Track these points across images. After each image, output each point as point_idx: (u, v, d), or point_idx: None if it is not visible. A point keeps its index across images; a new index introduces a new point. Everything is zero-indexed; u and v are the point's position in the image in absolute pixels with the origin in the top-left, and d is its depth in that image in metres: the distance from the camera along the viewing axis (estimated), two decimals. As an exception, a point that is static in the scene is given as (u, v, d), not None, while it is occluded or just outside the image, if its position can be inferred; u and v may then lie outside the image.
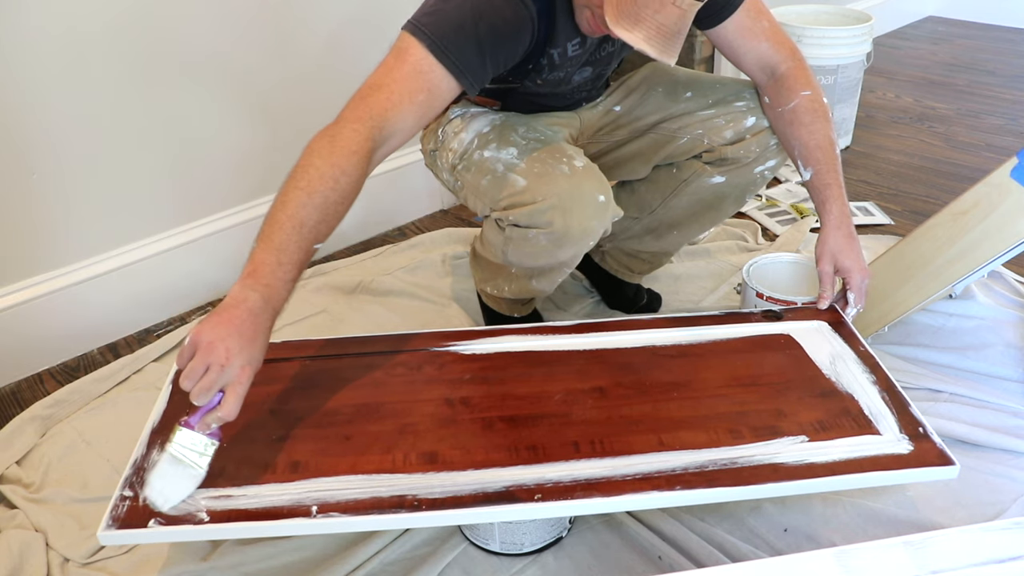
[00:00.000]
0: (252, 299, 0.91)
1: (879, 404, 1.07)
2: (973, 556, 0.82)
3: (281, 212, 0.94)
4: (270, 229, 0.94)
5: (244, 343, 0.90)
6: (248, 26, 1.61)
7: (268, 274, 0.93)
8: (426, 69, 1.02)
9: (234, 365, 0.89)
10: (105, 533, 0.90)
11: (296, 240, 0.93)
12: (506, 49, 1.07)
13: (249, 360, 0.91)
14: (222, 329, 0.89)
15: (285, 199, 0.94)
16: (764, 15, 1.27)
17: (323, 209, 0.95)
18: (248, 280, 0.92)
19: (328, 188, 0.95)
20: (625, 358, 1.17)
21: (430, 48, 1.02)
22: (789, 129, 1.27)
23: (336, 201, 0.96)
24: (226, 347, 0.89)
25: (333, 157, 0.96)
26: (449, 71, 1.03)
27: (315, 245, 0.96)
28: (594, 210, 1.16)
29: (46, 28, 1.37)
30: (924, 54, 3.18)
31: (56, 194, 1.48)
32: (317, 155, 0.96)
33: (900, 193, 2.10)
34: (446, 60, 1.02)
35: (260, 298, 0.92)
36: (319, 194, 0.94)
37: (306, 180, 0.95)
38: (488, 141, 1.25)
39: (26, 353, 1.52)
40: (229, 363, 0.89)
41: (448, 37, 1.02)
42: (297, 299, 1.68)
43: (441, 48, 1.02)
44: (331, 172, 0.95)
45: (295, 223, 0.94)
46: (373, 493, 0.94)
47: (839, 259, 1.23)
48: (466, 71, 1.04)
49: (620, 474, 0.96)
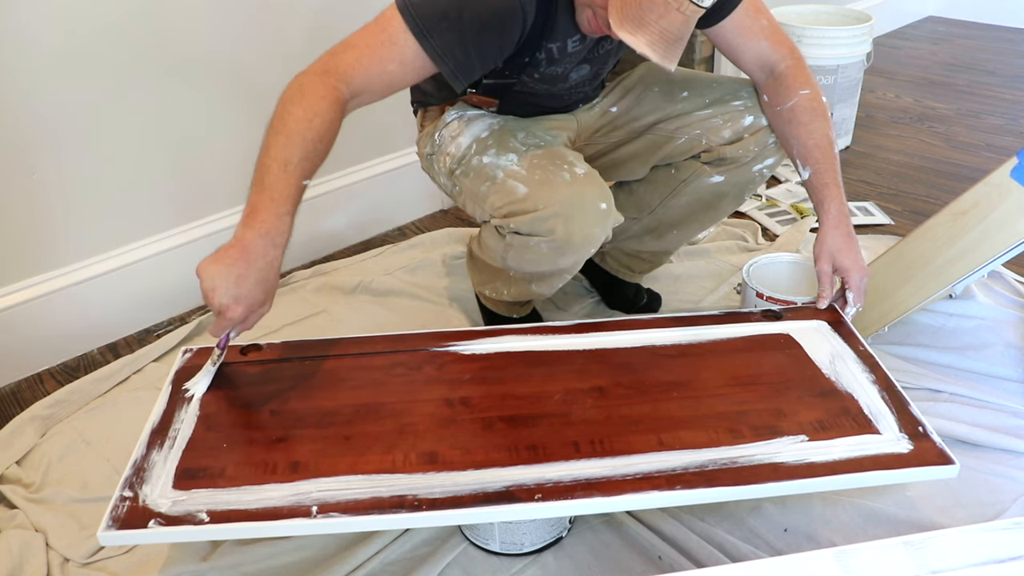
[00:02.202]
0: (248, 236, 0.99)
1: (879, 403, 1.07)
2: (973, 556, 0.82)
3: (266, 156, 1.01)
4: (259, 173, 1.01)
5: (231, 282, 0.97)
6: (247, 26, 1.61)
7: (263, 211, 0.99)
8: (402, 43, 1.05)
9: (218, 302, 0.98)
10: (105, 534, 0.90)
11: (283, 177, 1.00)
12: (491, 39, 1.08)
13: (235, 298, 0.98)
14: (212, 268, 0.98)
15: (267, 144, 1.02)
16: (763, 14, 1.27)
17: (303, 147, 1.01)
18: (245, 221, 1.00)
19: (304, 128, 1.01)
20: (625, 358, 1.17)
21: (412, 28, 1.04)
22: (788, 128, 1.27)
23: (313, 139, 1.02)
24: (212, 286, 0.97)
25: (304, 101, 1.02)
26: (427, 53, 1.05)
27: (304, 181, 1.03)
28: (596, 217, 1.16)
29: (46, 28, 1.37)
30: (924, 54, 3.18)
31: (56, 194, 1.48)
32: (289, 102, 1.03)
33: (900, 193, 2.10)
34: (425, 43, 1.05)
35: (256, 235, 0.99)
36: (296, 134, 1.01)
37: (282, 124, 1.02)
38: (487, 146, 1.24)
39: (26, 353, 1.52)
40: (214, 301, 0.98)
41: (431, 21, 1.04)
42: (297, 299, 1.69)
43: (423, 30, 1.04)
44: (303, 114, 1.01)
45: (279, 163, 1.00)
46: (373, 493, 0.94)
47: (838, 258, 1.23)
48: (446, 57, 1.06)
49: (620, 474, 0.96)
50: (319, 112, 1.02)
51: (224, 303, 0.98)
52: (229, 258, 0.98)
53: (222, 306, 0.98)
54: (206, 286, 0.98)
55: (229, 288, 0.97)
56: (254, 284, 0.99)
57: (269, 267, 1.00)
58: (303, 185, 1.03)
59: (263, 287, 1.01)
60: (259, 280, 1.00)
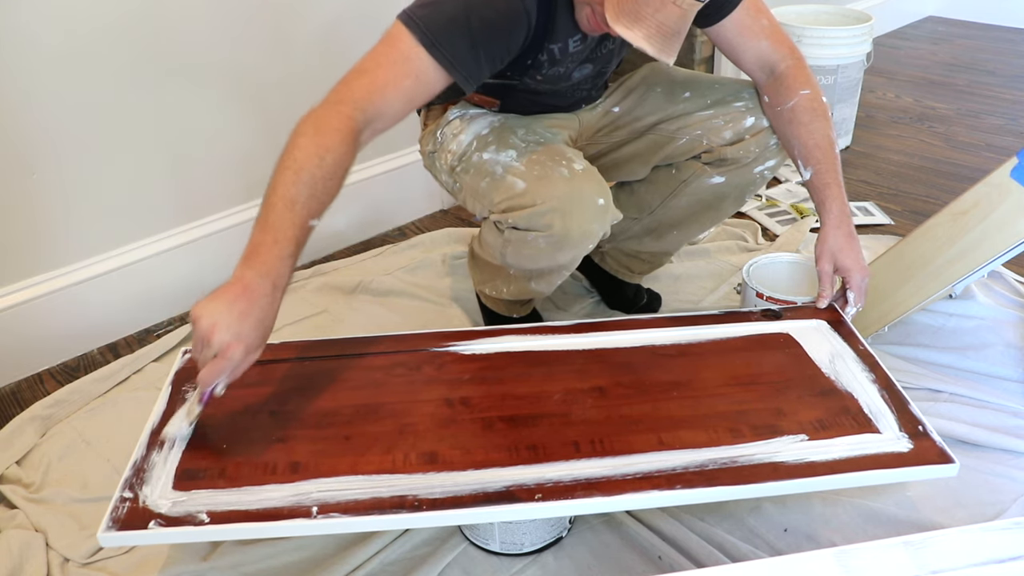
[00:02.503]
0: (248, 276, 0.95)
1: (878, 402, 1.07)
2: (973, 556, 0.82)
3: (272, 194, 0.98)
4: (264, 212, 0.98)
5: (233, 319, 0.93)
6: (248, 26, 1.61)
7: (264, 252, 0.96)
8: (414, 57, 1.03)
9: (219, 339, 0.93)
10: (105, 535, 0.90)
11: (289, 218, 0.97)
12: (500, 42, 1.07)
13: (237, 336, 0.93)
14: (212, 305, 0.94)
15: (275, 181, 0.98)
16: (764, 13, 1.27)
17: (311, 186, 0.98)
18: (246, 260, 0.96)
19: (314, 166, 0.98)
20: (624, 358, 1.17)
21: (421, 40, 1.03)
22: (788, 128, 1.27)
23: (323, 177, 0.98)
24: (213, 323, 0.92)
25: (317, 137, 0.99)
26: (439, 63, 1.04)
27: (310, 222, 0.99)
28: (593, 213, 1.16)
29: (47, 29, 1.38)
30: (924, 54, 3.18)
31: (56, 194, 1.48)
32: (302, 136, 0.99)
33: (900, 193, 2.10)
34: (436, 53, 1.03)
35: (256, 275, 0.95)
36: (306, 171, 0.97)
37: (292, 160, 0.98)
38: (487, 143, 1.25)
39: (26, 353, 1.52)
40: (214, 338, 0.92)
41: (440, 30, 1.03)
42: (297, 299, 1.69)
43: (432, 41, 1.03)
44: (315, 151, 0.98)
45: (286, 202, 0.97)
46: (373, 493, 0.94)
47: (838, 258, 1.23)
48: (458, 64, 1.05)
49: (620, 473, 0.96)
50: (331, 148, 0.98)
51: (225, 340, 0.93)
52: (230, 295, 0.94)
53: (223, 344, 0.93)
54: (205, 323, 0.92)
55: (231, 325, 0.93)
56: (255, 323, 0.95)
57: (269, 308, 0.96)
58: (309, 226, 0.99)
59: (261, 329, 0.96)
60: (259, 320, 0.95)
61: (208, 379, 0.95)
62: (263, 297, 0.95)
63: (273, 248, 0.96)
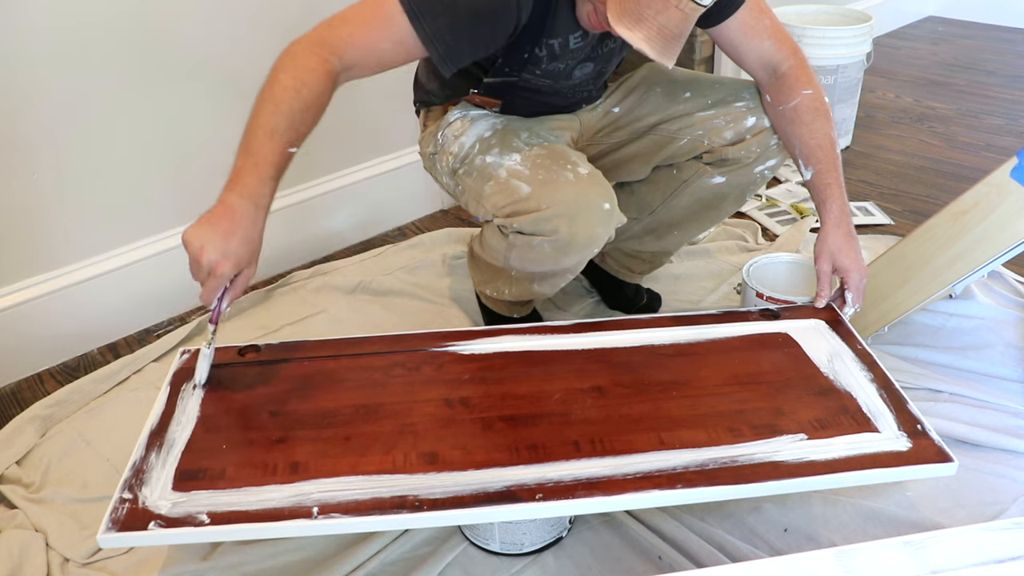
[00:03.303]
0: (230, 199, 1.00)
1: (877, 402, 1.07)
2: (973, 556, 0.82)
3: (254, 123, 1.03)
4: (246, 140, 1.03)
5: (218, 238, 0.98)
6: (248, 26, 1.61)
7: (245, 175, 1.01)
8: (396, 23, 1.06)
9: (208, 259, 0.98)
10: (105, 536, 0.90)
11: (268, 144, 1.02)
12: (483, 28, 1.08)
13: (224, 254, 0.98)
14: (198, 229, 0.99)
15: (256, 111, 1.03)
16: (766, 14, 1.28)
17: (289, 116, 1.02)
18: (228, 185, 1.02)
19: (291, 98, 1.02)
20: (624, 357, 1.17)
21: (406, 9, 1.05)
22: (790, 128, 1.27)
23: (300, 109, 1.03)
24: (201, 245, 0.98)
25: (294, 71, 1.04)
26: (418, 35, 1.06)
27: (290, 149, 1.04)
28: (600, 218, 1.16)
29: (47, 29, 1.37)
30: (924, 54, 3.18)
31: (56, 194, 1.48)
32: (280, 71, 1.04)
33: (900, 193, 2.10)
34: (417, 24, 1.05)
35: (238, 197, 1.00)
36: (284, 103, 1.02)
37: (271, 93, 1.03)
38: (490, 146, 1.24)
39: (26, 353, 1.52)
40: (203, 258, 0.98)
41: (425, 4, 1.05)
42: (297, 299, 1.69)
43: (416, 12, 1.05)
44: (292, 84, 1.03)
45: (266, 130, 1.02)
46: (374, 494, 0.94)
47: (837, 258, 1.23)
48: (436, 41, 1.06)
49: (621, 473, 0.96)
50: (308, 83, 1.03)
51: (214, 259, 0.98)
52: (214, 217, 0.99)
53: (212, 263, 0.98)
54: (195, 246, 0.98)
55: (217, 244, 0.98)
56: (241, 241, 1.00)
57: (253, 226, 1.01)
58: (289, 152, 1.04)
59: (248, 246, 1.01)
60: (245, 238, 1.00)
61: (207, 297, 1.02)
62: (246, 217, 1.00)
63: (254, 171, 1.01)
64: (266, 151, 1.01)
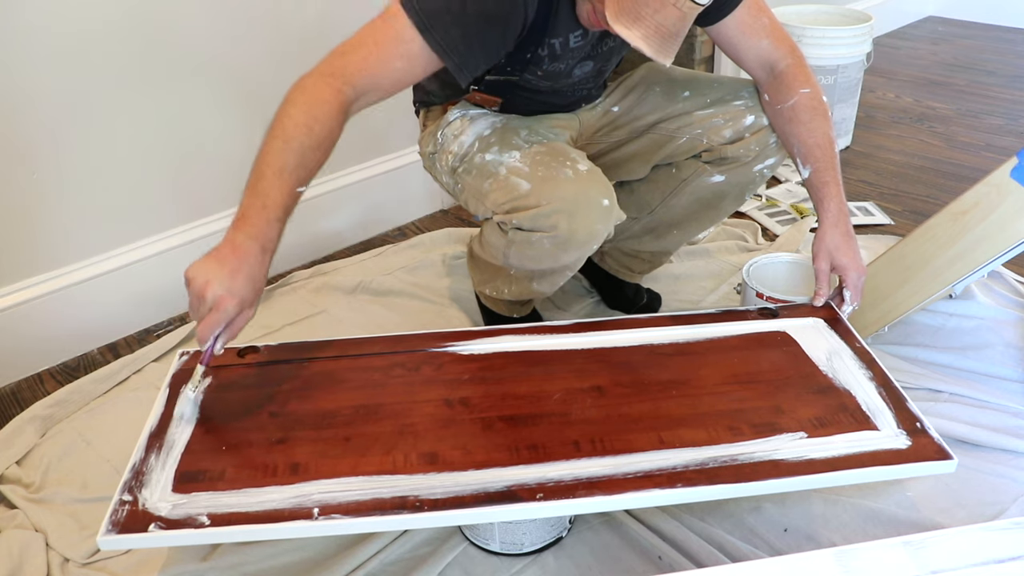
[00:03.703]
0: (238, 239, 0.99)
1: (876, 400, 1.07)
2: (973, 556, 0.82)
3: (262, 161, 1.01)
4: (254, 178, 1.01)
5: (224, 275, 0.97)
6: (249, 27, 1.61)
7: (253, 216, 1.00)
8: (407, 39, 1.05)
9: (212, 294, 0.96)
10: (105, 538, 0.90)
11: (277, 184, 1.00)
12: (495, 33, 1.08)
13: (229, 290, 0.97)
14: (203, 264, 0.98)
15: (265, 149, 1.01)
16: (764, 12, 1.28)
17: (300, 154, 1.01)
18: (235, 225, 1.00)
19: (303, 135, 1.01)
20: (624, 357, 1.17)
21: (416, 23, 1.04)
22: (788, 127, 1.27)
23: (311, 147, 1.01)
24: (206, 280, 0.96)
25: (306, 107, 1.02)
26: (431, 48, 1.05)
27: (298, 188, 1.02)
28: (599, 214, 1.16)
29: (47, 29, 1.37)
30: (924, 54, 3.18)
31: (56, 194, 1.48)
32: (291, 105, 1.03)
33: (900, 193, 2.10)
34: (429, 37, 1.04)
35: (245, 237, 0.99)
36: (295, 141, 1.00)
37: (282, 129, 1.01)
38: (490, 144, 1.25)
39: (26, 353, 1.52)
40: (207, 292, 0.96)
41: (434, 15, 1.04)
42: (297, 299, 1.69)
43: (426, 25, 1.04)
44: (305, 121, 1.01)
45: (275, 169, 1.00)
46: (374, 494, 0.94)
47: (835, 257, 1.24)
48: (450, 51, 1.06)
49: (622, 472, 0.96)
50: (319, 118, 1.01)
51: (219, 294, 0.96)
52: (221, 255, 0.98)
53: (216, 297, 0.96)
54: (199, 281, 0.96)
55: (224, 280, 0.96)
56: (246, 280, 0.98)
57: (259, 267, 1.00)
58: (297, 192, 1.02)
59: (252, 285, 1.00)
60: (250, 277, 0.99)
61: (205, 333, 0.98)
62: (252, 257, 0.99)
63: (262, 213, 0.99)
64: (275, 192, 1.00)
